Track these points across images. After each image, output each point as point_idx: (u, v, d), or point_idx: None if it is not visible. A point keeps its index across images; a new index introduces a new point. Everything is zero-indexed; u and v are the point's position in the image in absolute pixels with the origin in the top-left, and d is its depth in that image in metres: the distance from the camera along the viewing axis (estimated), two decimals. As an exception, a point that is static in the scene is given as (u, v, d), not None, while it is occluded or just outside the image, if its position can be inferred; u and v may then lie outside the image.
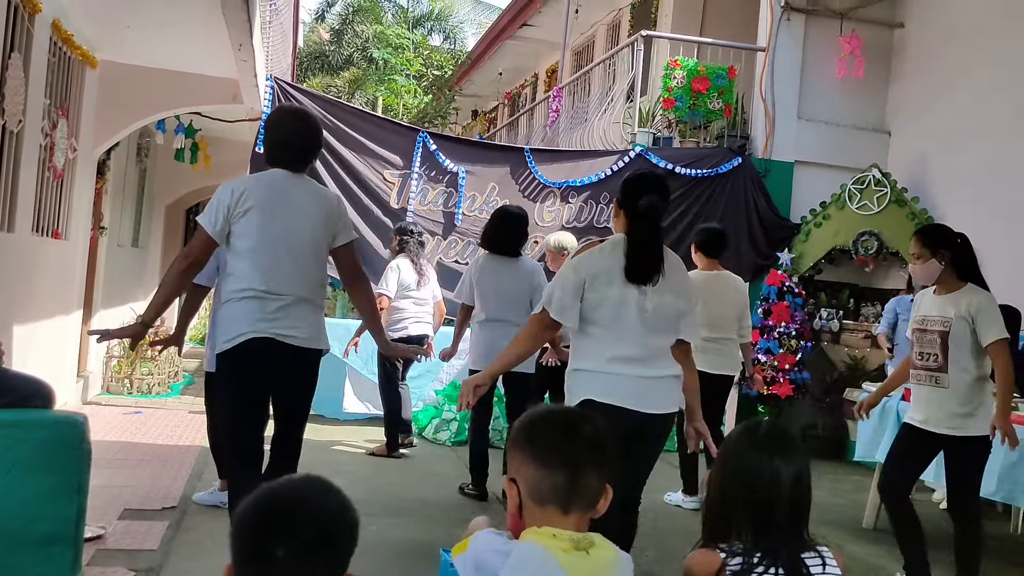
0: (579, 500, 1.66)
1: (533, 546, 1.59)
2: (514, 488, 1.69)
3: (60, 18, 5.75)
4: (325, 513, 1.30)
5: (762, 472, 1.77)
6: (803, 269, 7.84)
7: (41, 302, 5.96)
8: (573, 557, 1.59)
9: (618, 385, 3.03)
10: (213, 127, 8.88)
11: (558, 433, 1.70)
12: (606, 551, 1.65)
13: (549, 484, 1.65)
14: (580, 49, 13.76)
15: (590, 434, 1.71)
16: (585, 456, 1.67)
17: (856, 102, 8.45)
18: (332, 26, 22.46)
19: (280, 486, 1.34)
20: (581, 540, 1.61)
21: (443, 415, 6.86)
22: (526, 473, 1.67)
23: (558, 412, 1.82)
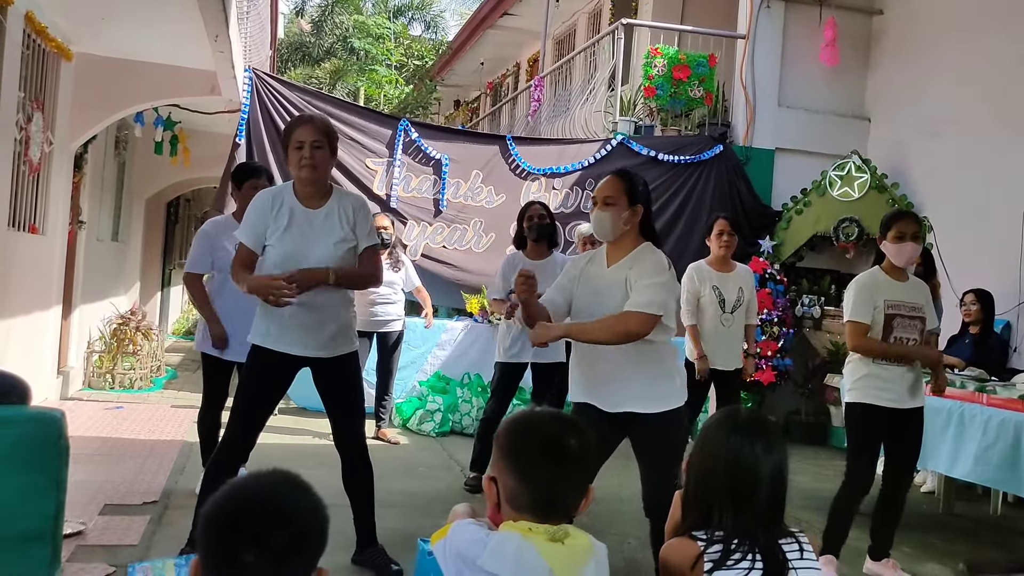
0: (556, 512, 1.66)
1: (511, 535, 1.60)
2: (494, 488, 1.69)
3: (33, 10, 5.68)
4: (296, 516, 1.27)
5: (743, 458, 1.77)
6: (784, 256, 7.88)
7: (18, 297, 5.90)
8: (550, 546, 1.60)
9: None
10: (192, 119, 8.80)
11: (541, 451, 1.66)
12: (581, 539, 1.66)
13: (528, 499, 1.64)
14: (562, 38, 13.73)
15: (573, 451, 1.67)
16: (568, 475, 1.66)
17: (836, 89, 8.48)
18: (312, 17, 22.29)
19: (250, 485, 1.30)
20: (556, 531, 1.62)
21: (427, 406, 6.85)
22: (506, 481, 1.67)
23: (544, 425, 1.72)
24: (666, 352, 3.21)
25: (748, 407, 1.88)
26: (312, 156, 3.32)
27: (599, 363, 3.22)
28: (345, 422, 3.60)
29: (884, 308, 3.90)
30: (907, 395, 3.88)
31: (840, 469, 4.08)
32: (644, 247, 3.22)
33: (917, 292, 3.93)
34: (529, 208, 5.27)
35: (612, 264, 3.23)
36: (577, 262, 3.37)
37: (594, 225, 3.29)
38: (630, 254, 3.20)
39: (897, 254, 3.90)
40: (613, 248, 3.26)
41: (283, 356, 3.42)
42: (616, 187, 3.20)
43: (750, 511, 1.74)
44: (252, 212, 3.44)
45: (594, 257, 3.33)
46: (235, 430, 3.42)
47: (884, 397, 3.88)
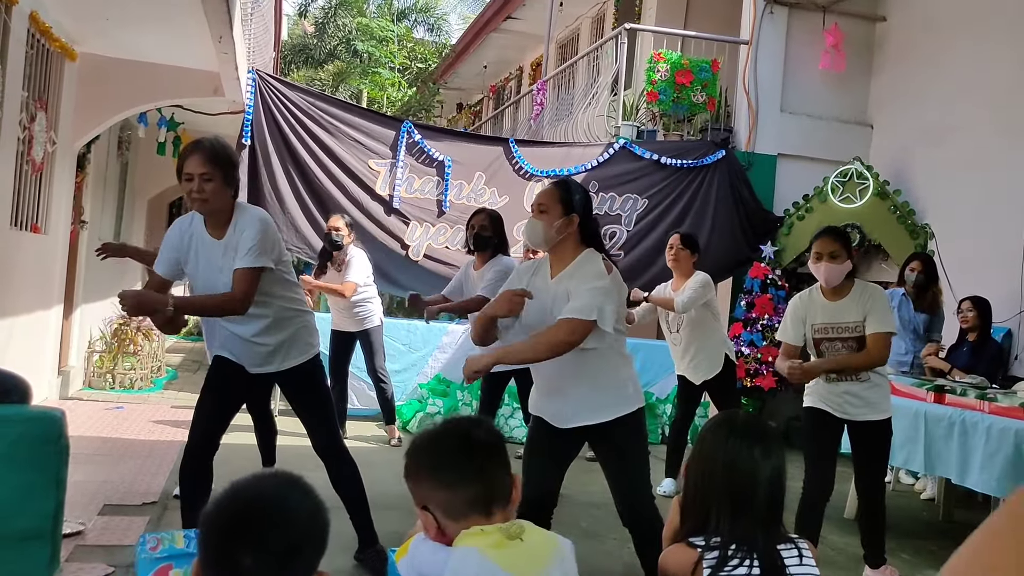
0: (497, 500, 1.68)
1: (468, 551, 1.57)
2: (429, 515, 1.68)
3: (38, 10, 5.69)
4: (296, 520, 1.26)
5: (741, 462, 1.77)
6: (786, 262, 7.87)
7: (20, 297, 5.90)
8: (508, 550, 1.58)
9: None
10: (196, 120, 8.81)
11: (456, 453, 1.69)
12: (538, 535, 1.66)
13: (465, 500, 1.65)
14: (565, 42, 13.74)
15: (482, 438, 1.72)
16: (491, 461, 1.70)
17: (838, 95, 8.49)
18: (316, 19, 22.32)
19: (251, 487, 1.29)
20: (511, 527, 1.62)
21: (427, 409, 6.85)
22: (437, 498, 1.67)
23: (445, 430, 1.76)
24: (609, 359, 3.11)
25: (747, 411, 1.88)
26: (201, 189, 3.22)
27: (540, 378, 3.21)
28: (312, 428, 3.65)
29: (811, 332, 3.92)
30: (853, 408, 3.87)
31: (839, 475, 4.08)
32: (585, 255, 3.16)
33: (851, 310, 3.84)
34: (474, 216, 5.22)
35: (555, 275, 3.18)
36: (522, 274, 3.29)
37: (526, 232, 3.26)
38: (571, 264, 3.15)
39: (816, 274, 3.89)
40: (555, 258, 3.21)
41: (239, 366, 3.51)
42: (550, 196, 3.16)
43: (748, 516, 1.74)
44: (165, 243, 3.45)
45: (538, 268, 3.26)
46: (195, 433, 3.51)
47: (829, 405, 3.90)
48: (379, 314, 6.35)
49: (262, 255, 3.27)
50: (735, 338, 7.48)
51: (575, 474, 3.38)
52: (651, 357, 7.21)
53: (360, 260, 6.17)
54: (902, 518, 5.30)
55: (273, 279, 3.41)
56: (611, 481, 3.24)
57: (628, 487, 3.20)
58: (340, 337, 6.34)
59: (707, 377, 5.39)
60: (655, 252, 7.30)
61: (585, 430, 3.18)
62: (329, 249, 6.20)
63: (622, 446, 3.19)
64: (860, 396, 3.86)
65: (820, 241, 3.87)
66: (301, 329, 3.54)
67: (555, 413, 3.20)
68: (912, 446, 4.79)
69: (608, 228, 7.73)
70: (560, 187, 3.21)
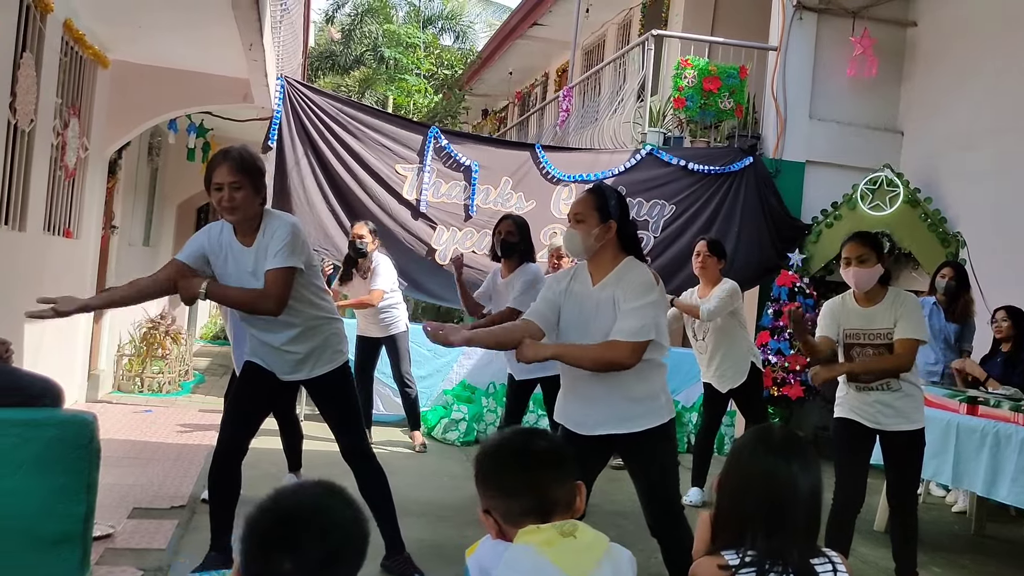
0: (555, 510, 1.71)
1: (526, 547, 1.62)
2: (490, 519, 1.73)
3: (72, 18, 5.77)
4: (337, 528, 1.28)
5: (779, 478, 1.74)
6: (814, 270, 7.80)
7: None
8: (560, 547, 1.62)
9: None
10: (225, 127, 8.89)
11: (514, 463, 1.74)
12: (590, 535, 1.68)
13: (520, 508, 1.70)
14: (591, 48, 13.73)
15: (542, 451, 1.76)
16: (546, 475, 1.72)
17: (868, 101, 8.41)
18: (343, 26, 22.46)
19: (293, 494, 1.32)
20: (564, 525, 1.66)
21: (452, 415, 6.85)
22: (497, 506, 1.73)
23: (509, 440, 1.81)
24: (644, 368, 3.09)
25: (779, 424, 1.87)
26: (231, 198, 3.25)
27: (574, 381, 3.19)
28: (340, 436, 3.66)
29: (843, 337, 3.89)
30: (885, 418, 3.82)
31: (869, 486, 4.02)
32: (627, 263, 3.16)
33: (884, 316, 3.81)
34: (500, 223, 5.20)
35: (597, 282, 3.16)
36: (560, 279, 3.28)
37: (565, 243, 3.27)
38: (614, 271, 3.14)
39: (846, 279, 3.88)
40: (594, 265, 3.19)
41: (270, 372, 3.54)
42: (585, 204, 3.16)
43: (784, 532, 1.71)
44: (192, 240, 3.48)
45: (576, 274, 3.25)
46: (223, 437, 3.53)
47: (860, 415, 3.86)
48: (405, 320, 6.37)
49: (292, 256, 3.28)
50: (762, 347, 7.42)
51: (600, 483, 3.36)
52: (677, 365, 7.14)
53: (386, 267, 6.20)
54: (933, 531, 5.23)
55: (302, 286, 3.42)
56: (640, 492, 3.22)
57: (657, 498, 3.17)
58: (366, 342, 6.37)
59: (733, 385, 5.35)
60: (682, 258, 7.26)
61: (612, 440, 3.17)
62: (354, 256, 6.22)
63: (652, 457, 3.18)
64: (892, 405, 3.81)
65: (849, 246, 3.85)
66: (331, 336, 3.55)
67: (581, 420, 3.18)
68: (941, 458, 4.73)
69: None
70: (594, 194, 3.20)
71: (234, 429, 3.52)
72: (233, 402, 3.64)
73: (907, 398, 3.83)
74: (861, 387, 3.85)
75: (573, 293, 3.19)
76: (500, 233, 5.12)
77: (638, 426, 3.11)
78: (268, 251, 3.28)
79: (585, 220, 3.13)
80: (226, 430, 3.53)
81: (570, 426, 3.20)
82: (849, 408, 3.90)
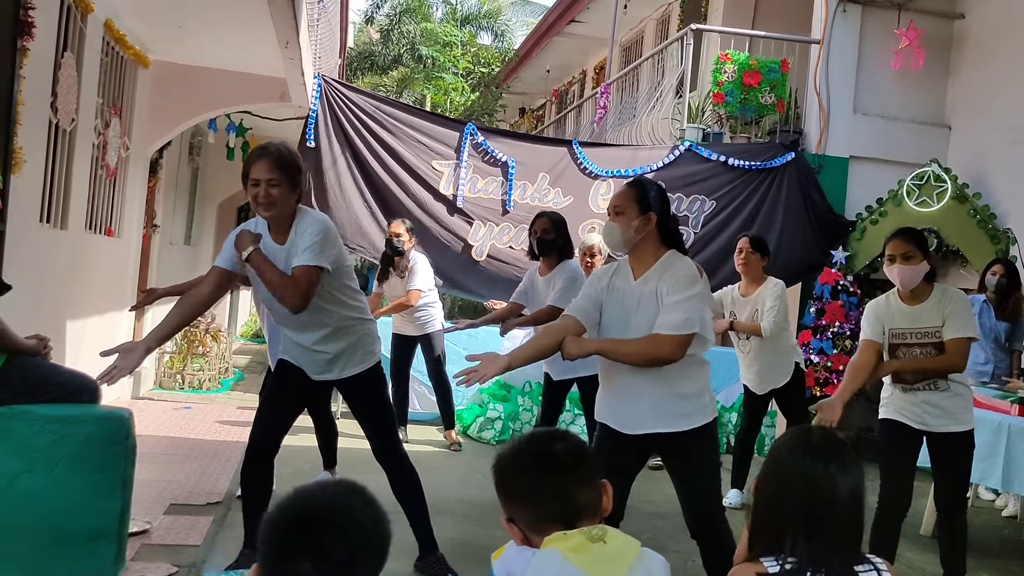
0: (581, 514, 1.66)
1: (551, 553, 1.58)
2: (514, 528, 1.68)
3: (112, 18, 5.84)
4: (357, 529, 1.26)
5: (818, 481, 1.67)
6: (858, 267, 7.63)
7: (94, 298, 6.05)
8: (589, 554, 1.57)
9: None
10: (263, 126, 8.97)
11: (533, 470, 1.68)
12: (621, 539, 1.63)
13: (545, 515, 1.65)
14: (629, 45, 13.62)
15: (562, 454, 1.69)
16: (568, 479, 1.67)
17: (914, 95, 8.20)
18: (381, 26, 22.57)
19: (315, 494, 1.29)
20: (592, 530, 1.61)
21: (488, 414, 6.82)
22: (521, 514, 1.68)
23: (525, 446, 1.75)
24: (689, 365, 3.03)
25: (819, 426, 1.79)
26: (268, 195, 3.24)
27: (617, 378, 3.13)
28: (372, 437, 3.65)
29: (888, 337, 3.76)
30: (932, 419, 3.71)
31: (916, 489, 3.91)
32: (669, 255, 3.10)
33: (931, 314, 3.69)
34: (536, 221, 5.15)
35: (639, 276, 3.11)
36: (601, 275, 3.23)
37: (604, 236, 3.22)
38: (656, 264, 3.09)
39: (891, 277, 3.76)
40: (635, 259, 3.14)
41: (301, 370, 3.53)
42: (625, 196, 3.11)
43: (824, 537, 1.64)
44: (228, 242, 3.45)
45: (618, 270, 3.20)
46: (256, 435, 3.53)
47: (907, 416, 3.75)
48: (440, 319, 6.35)
49: (320, 255, 3.24)
50: (804, 346, 7.28)
51: (638, 483, 3.30)
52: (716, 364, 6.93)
53: (423, 266, 6.19)
54: (982, 536, 5.07)
55: (334, 287, 3.40)
56: (680, 492, 3.16)
57: (699, 499, 3.11)
58: (401, 341, 6.37)
59: (776, 385, 5.25)
60: (724, 255, 7.15)
61: (654, 438, 3.10)
62: (391, 255, 6.22)
63: (695, 457, 3.11)
64: (939, 406, 3.69)
65: (893, 243, 3.74)
66: (363, 337, 3.53)
67: (623, 418, 3.11)
68: (990, 460, 4.57)
69: None
70: (634, 187, 3.16)
71: (266, 427, 3.53)
72: (265, 400, 3.65)
73: (955, 398, 3.71)
74: (907, 387, 3.73)
75: (615, 289, 3.14)
76: (536, 232, 5.08)
77: (682, 425, 3.05)
78: (297, 248, 3.26)
79: (624, 212, 3.09)
80: (258, 428, 3.54)
81: (613, 424, 3.14)
82: (895, 409, 3.79)
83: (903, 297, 3.77)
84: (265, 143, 3.41)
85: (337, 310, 3.43)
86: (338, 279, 3.41)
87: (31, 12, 4.24)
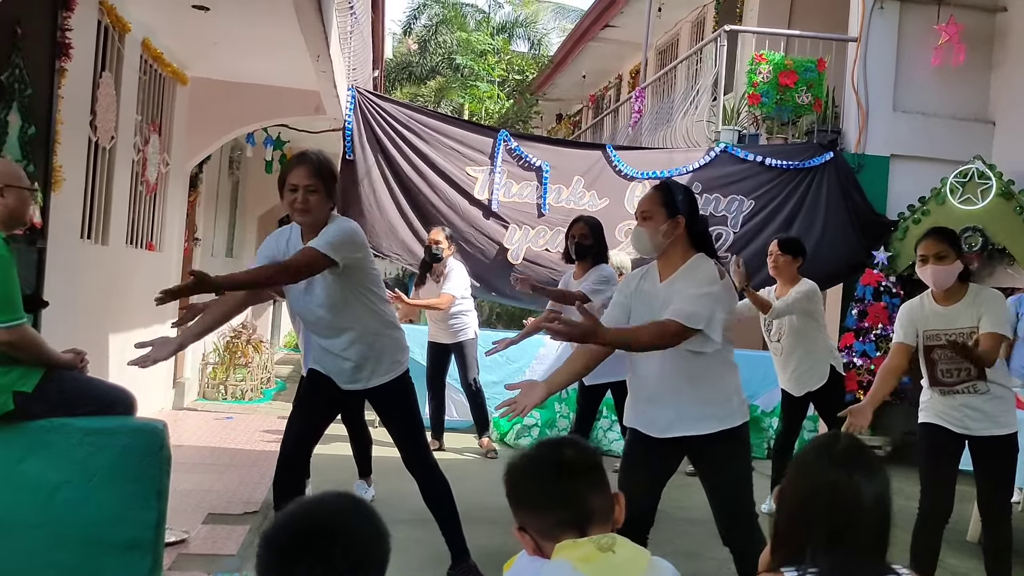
0: (592, 521, 1.64)
1: (560, 563, 1.57)
2: (526, 536, 1.67)
3: (150, 37, 5.96)
4: (357, 543, 1.25)
5: (842, 490, 1.63)
6: (901, 268, 7.48)
7: (136, 312, 6.17)
8: (598, 563, 1.55)
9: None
10: (300, 139, 9.08)
11: (544, 476, 1.68)
12: (630, 550, 1.61)
13: (556, 522, 1.64)
14: (664, 48, 13.54)
15: (572, 460, 1.68)
16: (579, 484, 1.66)
17: (956, 91, 8.03)
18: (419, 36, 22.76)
19: (313, 508, 1.29)
20: (602, 540, 1.59)
21: (524, 421, 6.81)
22: (532, 522, 1.67)
23: (534, 455, 1.75)
24: (715, 367, 3.01)
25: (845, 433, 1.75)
26: (305, 200, 3.29)
27: (645, 381, 3.09)
28: (401, 446, 3.67)
29: (923, 339, 3.68)
30: (973, 423, 3.60)
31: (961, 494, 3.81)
32: (696, 258, 3.08)
33: (966, 315, 3.61)
34: (573, 226, 5.17)
35: (665, 279, 3.09)
36: (630, 280, 3.25)
37: (633, 241, 3.20)
38: (683, 267, 3.07)
39: (924, 278, 3.69)
40: (663, 263, 3.13)
41: (330, 380, 3.56)
42: (652, 200, 3.10)
43: (847, 547, 1.60)
44: (263, 248, 3.57)
45: (647, 273, 3.19)
46: (286, 445, 3.59)
47: (947, 420, 3.66)
48: (474, 327, 6.36)
49: (332, 249, 3.26)
50: (846, 348, 7.16)
51: (670, 489, 3.26)
52: (755, 369, 6.94)
53: (459, 272, 6.22)
54: (1031, 542, 4.91)
55: (359, 290, 3.44)
56: (712, 498, 3.12)
57: (730, 505, 3.06)
58: (436, 349, 6.39)
59: (811, 388, 5.16)
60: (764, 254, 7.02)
61: (684, 442, 3.07)
62: (429, 261, 6.27)
63: (725, 461, 3.07)
64: (980, 409, 3.60)
65: (925, 243, 3.67)
66: (389, 345, 3.55)
67: (651, 421, 3.09)
68: (1039, 464, 4.43)
69: (714, 230, 7.56)
70: (661, 190, 3.15)
71: (296, 437, 3.57)
72: (294, 410, 3.69)
73: (996, 400, 3.61)
74: (946, 391, 3.65)
75: (642, 291, 3.14)
76: (574, 236, 5.10)
77: (710, 427, 3.02)
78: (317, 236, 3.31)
79: (652, 217, 3.07)
80: (289, 438, 3.59)
81: (641, 428, 3.12)
82: (934, 413, 3.70)
83: (937, 298, 3.69)
84: (303, 151, 3.49)
85: (363, 316, 3.47)
86: (361, 283, 3.44)
87: (68, 34, 4.35)
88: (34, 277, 4.26)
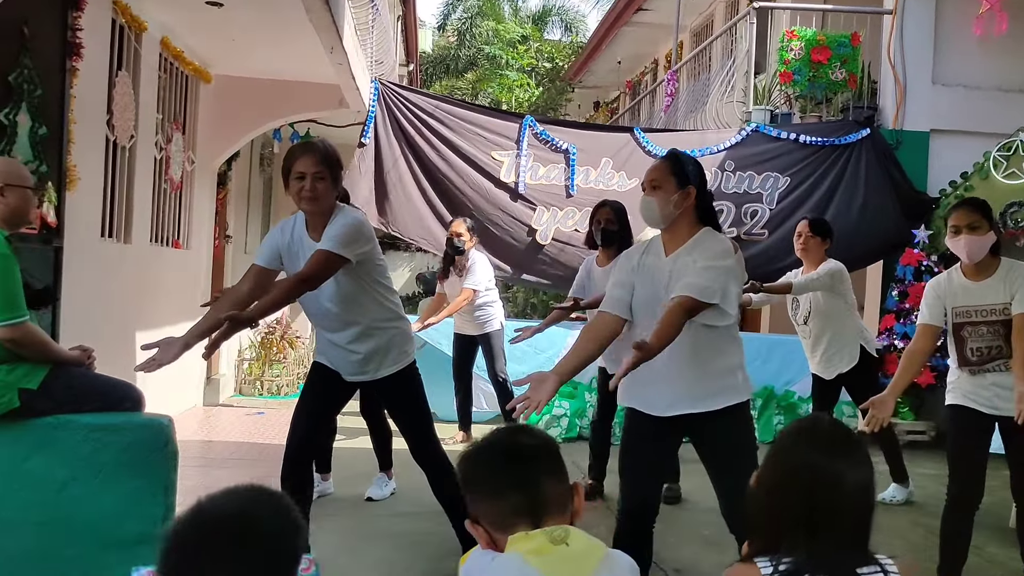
0: (548, 510, 1.56)
1: (511, 556, 1.50)
2: (479, 529, 1.60)
3: (168, 36, 5.99)
4: (264, 537, 1.19)
5: (821, 474, 1.53)
6: (943, 246, 7.20)
7: (164, 309, 6.23)
8: (551, 556, 1.48)
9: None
10: (327, 133, 9.07)
11: (498, 459, 1.62)
12: (584, 541, 1.54)
13: (509, 507, 1.55)
14: (699, 30, 13.30)
15: (526, 446, 1.62)
16: (533, 469, 1.58)
17: (999, 62, 7.71)
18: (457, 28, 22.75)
19: (220, 502, 1.22)
20: (554, 531, 1.52)
21: (553, 411, 6.72)
22: (483, 509, 1.59)
23: (490, 441, 1.68)
24: (721, 343, 2.90)
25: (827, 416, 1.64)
26: (313, 188, 3.25)
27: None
28: (409, 436, 3.62)
29: (952, 317, 3.51)
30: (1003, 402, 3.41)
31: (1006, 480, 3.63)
32: (705, 232, 2.95)
33: (997, 290, 3.44)
34: (598, 211, 5.01)
35: (671, 253, 2.95)
36: (631, 255, 3.10)
37: (642, 211, 3.03)
38: (690, 240, 2.93)
39: (956, 250, 3.52)
40: (669, 236, 2.98)
41: (336, 373, 3.52)
42: (662, 170, 2.96)
43: (825, 536, 1.49)
44: (268, 239, 3.53)
45: (649, 247, 3.05)
46: (292, 439, 3.54)
47: (976, 401, 3.49)
48: (500, 318, 6.29)
49: (343, 246, 3.23)
50: (886, 331, 6.94)
51: (696, 477, 3.14)
52: (791, 354, 6.76)
53: (482, 265, 6.14)
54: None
55: (367, 282, 3.39)
56: (715, 481, 3.01)
57: (733, 488, 2.93)
58: (462, 340, 6.34)
59: (842, 370, 4.99)
60: (801, 233, 6.90)
61: (685, 421, 2.94)
62: (451, 253, 6.21)
63: (727, 441, 2.94)
64: (1011, 387, 3.42)
65: (957, 213, 3.51)
66: (395, 336, 3.50)
67: (653, 400, 2.94)
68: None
69: (749, 207, 7.42)
70: (670, 159, 3.03)
71: (302, 430, 3.54)
72: (300, 402, 3.66)
73: None
74: (975, 370, 3.48)
75: (645, 266, 2.99)
76: (600, 221, 4.97)
77: (714, 404, 2.89)
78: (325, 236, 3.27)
79: (662, 186, 2.94)
80: (295, 431, 3.56)
81: (640, 407, 2.99)
82: (962, 394, 3.53)
83: (967, 272, 3.52)
84: (307, 140, 3.48)
85: (370, 308, 3.43)
86: (369, 275, 3.40)
87: (79, 33, 4.37)
88: (51, 275, 4.30)
